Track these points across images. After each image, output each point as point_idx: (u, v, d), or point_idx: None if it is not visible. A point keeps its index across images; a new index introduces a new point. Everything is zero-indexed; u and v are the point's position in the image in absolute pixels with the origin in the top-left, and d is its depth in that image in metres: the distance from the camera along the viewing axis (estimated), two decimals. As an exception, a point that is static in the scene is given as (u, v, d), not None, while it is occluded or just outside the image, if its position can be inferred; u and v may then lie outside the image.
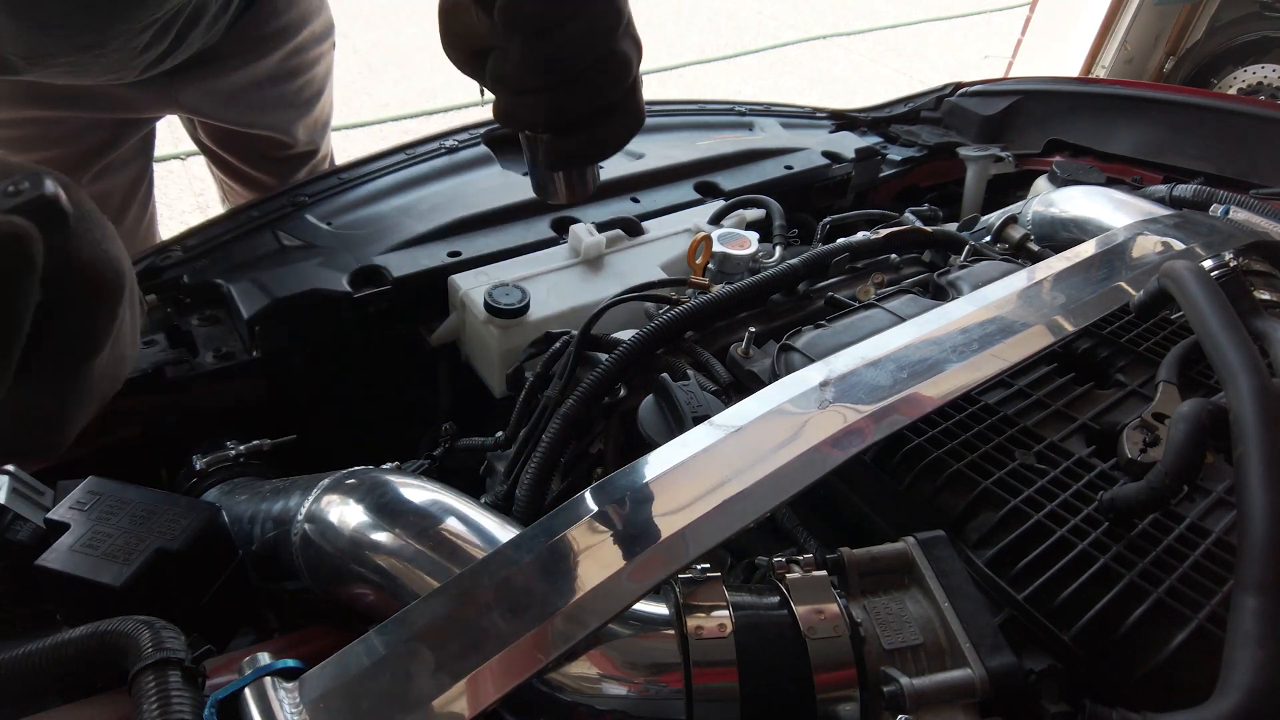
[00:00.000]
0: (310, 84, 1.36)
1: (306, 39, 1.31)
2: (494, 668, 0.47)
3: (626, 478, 0.58)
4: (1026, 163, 1.50)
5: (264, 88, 1.28)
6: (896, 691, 0.46)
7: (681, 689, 0.48)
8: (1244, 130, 1.37)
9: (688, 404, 0.73)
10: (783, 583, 0.53)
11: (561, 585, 0.50)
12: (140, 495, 0.68)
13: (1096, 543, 0.58)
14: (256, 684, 0.47)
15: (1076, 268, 0.87)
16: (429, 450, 0.91)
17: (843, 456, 0.60)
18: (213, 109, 1.26)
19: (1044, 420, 0.71)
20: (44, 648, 0.48)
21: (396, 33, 4.96)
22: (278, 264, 1.02)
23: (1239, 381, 0.56)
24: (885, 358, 0.70)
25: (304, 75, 1.33)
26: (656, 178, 1.28)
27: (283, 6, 1.24)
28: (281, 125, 1.35)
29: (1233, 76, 3.44)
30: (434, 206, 1.14)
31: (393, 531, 0.60)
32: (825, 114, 1.60)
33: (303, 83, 1.34)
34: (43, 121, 1.15)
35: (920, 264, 1.10)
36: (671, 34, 5.56)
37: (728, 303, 0.91)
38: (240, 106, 1.27)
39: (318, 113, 1.41)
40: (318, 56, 1.36)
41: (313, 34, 1.32)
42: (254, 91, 1.27)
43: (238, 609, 0.72)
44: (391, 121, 4.04)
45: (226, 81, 1.23)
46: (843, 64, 5.54)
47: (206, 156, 1.46)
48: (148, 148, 1.35)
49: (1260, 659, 0.45)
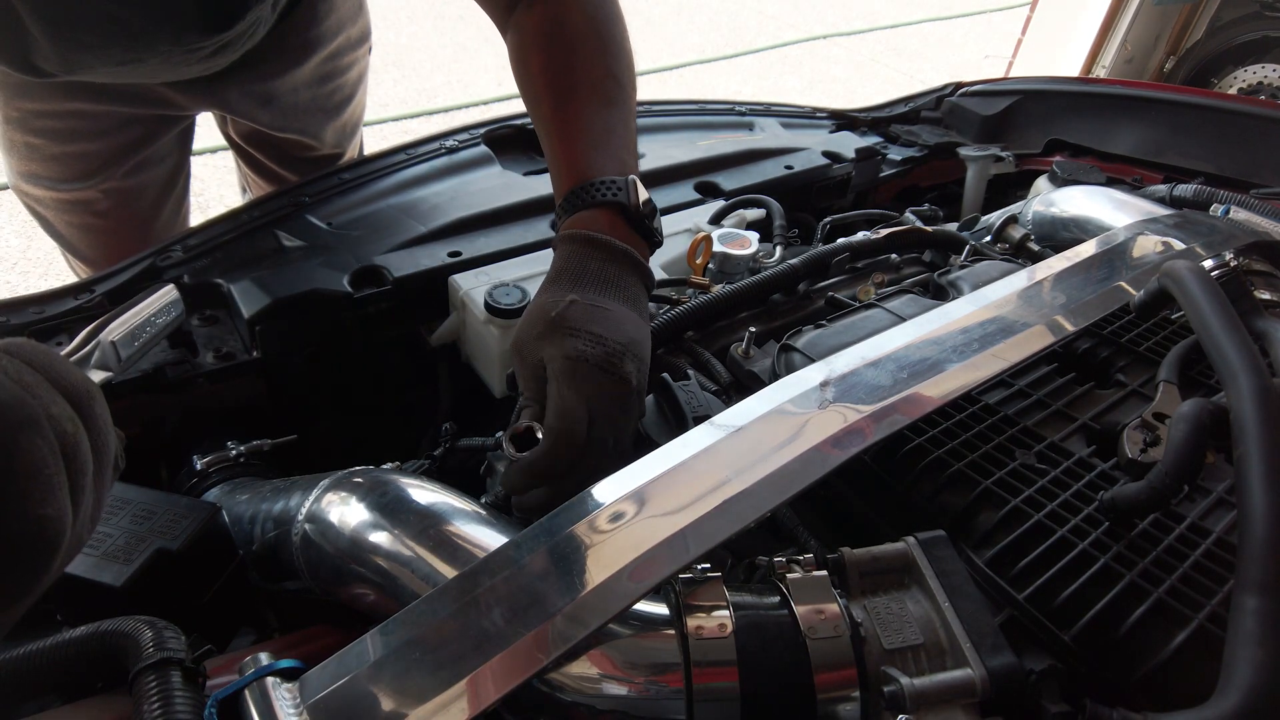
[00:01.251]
0: (342, 89, 1.37)
1: (342, 44, 1.32)
2: (494, 668, 0.47)
3: (626, 477, 0.58)
4: (1026, 163, 1.50)
5: (299, 92, 1.29)
6: (897, 691, 0.46)
7: (682, 689, 0.48)
8: (1244, 130, 1.37)
9: (688, 404, 0.73)
10: (783, 583, 0.53)
11: (561, 585, 0.50)
12: (140, 495, 0.68)
13: (1097, 543, 0.58)
14: (257, 684, 0.47)
15: (1077, 268, 0.87)
16: (429, 450, 0.91)
17: (843, 456, 0.60)
18: (248, 110, 1.27)
19: (1044, 420, 0.71)
20: (44, 648, 0.48)
21: (396, 33, 4.96)
22: (278, 264, 1.02)
23: (1239, 381, 0.56)
24: (885, 358, 0.70)
25: (336, 80, 1.34)
26: (656, 178, 1.28)
27: (322, 13, 1.25)
28: (311, 129, 1.36)
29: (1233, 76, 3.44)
30: (434, 206, 1.14)
31: (393, 532, 0.60)
32: (825, 114, 1.60)
33: (334, 87, 1.35)
34: (82, 114, 1.16)
35: (920, 264, 1.10)
36: (671, 34, 5.56)
37: (728, 303, 0.91)
38: (275, 109, 1.28)
39: (347, 116, 1.42)
40: (352, 62, 1.36)
41: (348, 40, 1.33)
42: (289, 95, 1.28)
43: (238, 609, 0.72)
44: (391, 121, 4.04)
45: (264, 86, 1.25)
46: (843, 64, 5.54)
47: (234, 151, 1.47)
48: (186, 142, 1.36)
49: (1260, 659, 0.45)
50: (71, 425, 0.42)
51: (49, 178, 1.22)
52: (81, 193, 1.24)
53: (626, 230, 0.75)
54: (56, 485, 0.40)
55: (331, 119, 1.38)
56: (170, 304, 0.82)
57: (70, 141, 1.18)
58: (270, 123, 1.30)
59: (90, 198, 1.25)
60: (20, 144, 1.19)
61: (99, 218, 1.27)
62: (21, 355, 0.42)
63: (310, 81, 1.30)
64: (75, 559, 0.58)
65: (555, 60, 0.83)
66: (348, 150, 1.47)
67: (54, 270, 2.84)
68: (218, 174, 3.30)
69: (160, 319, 0.80)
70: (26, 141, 1.18)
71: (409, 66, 4.62)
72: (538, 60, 0.84)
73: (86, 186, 1.23)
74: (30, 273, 2.86)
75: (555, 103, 0.82)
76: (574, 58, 0.83)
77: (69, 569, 0.58)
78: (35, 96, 1.14)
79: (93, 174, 1.22)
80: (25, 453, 0.39)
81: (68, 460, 0.41)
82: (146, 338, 0.78)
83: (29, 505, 0.39)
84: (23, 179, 1.24)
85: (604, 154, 0.78)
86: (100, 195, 1.25)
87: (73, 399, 0.43)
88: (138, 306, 0.78)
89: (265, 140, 1.37)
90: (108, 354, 0.73)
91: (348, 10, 1.30)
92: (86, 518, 0.43)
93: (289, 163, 1.41)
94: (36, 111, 1.15)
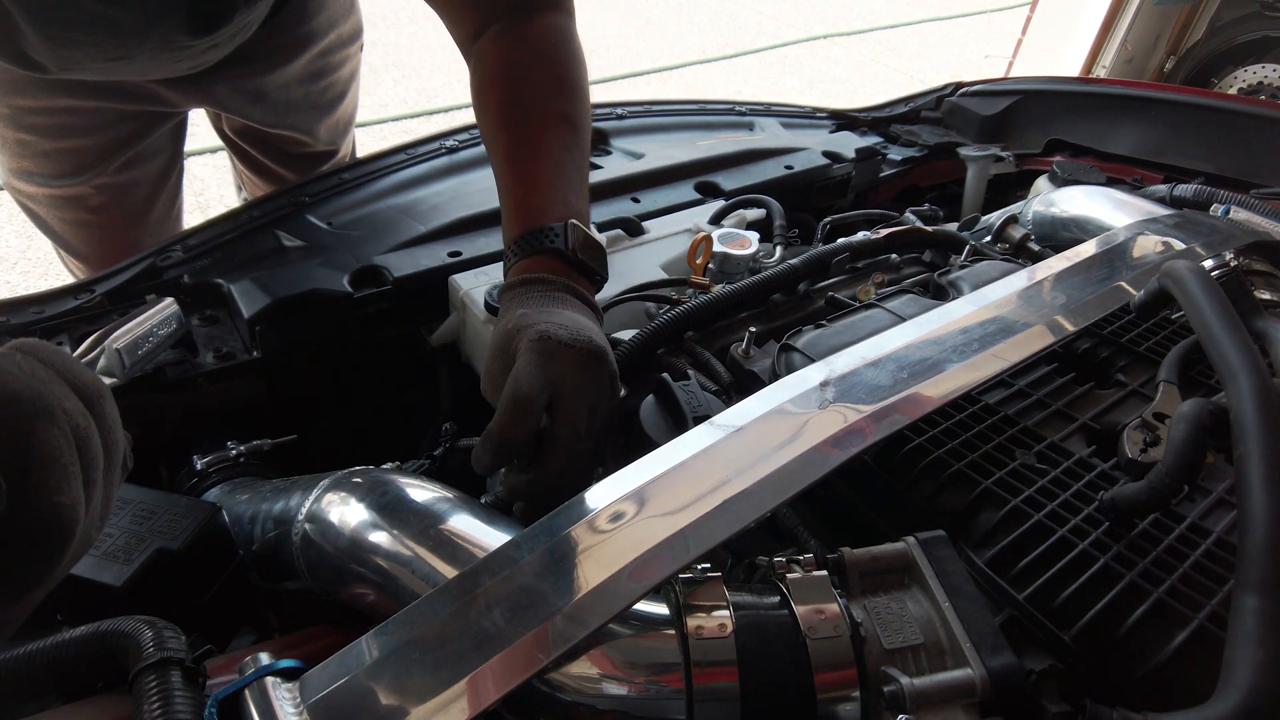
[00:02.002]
0: (334, 86, 1.37)
1: (334, 41, 1.32)
2: (494, 668, 0.47)
3: (626, 477, 0.58)
4: (1026, 163, 1.50)
5: (290, 89, 1.29)
6: (897, 691, 0.46)
7: (682, 689, 0.48)
8: (1244, 130, 1.37)
9: (688, 404, 0.73)
10: (783, 583, 0.53)
11: (561, 585, 0.50)
12: (140, 495, 0.68)
13: (1097, 543, 0.58)
14: (257, 684, 0.47)
15: (1077, 268, 0.87)
16: (429, 450, 0.91)
17: (843, 456, 0.60)
18: (240, 106, 1.27)
19: (1044, 420, 0.71)
20: (44, 648, 0.48)
21: (396, 33, 4.96)
22: (278, 264, 1.02)
23: (1239, 381, 0.56)
24: (885, 358, 0.70)
25: (328, 77, 1.35)
26: (657, 178, 1.28)
27: (313, 10, 1.25)
28: (304, 125, 1.36)
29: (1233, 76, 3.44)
30: (434, 206, 1.14)
31: (393, 532, 0.60)
32: (825, 114, 1.60)
33: (326, 84, 1.35)
34: (73, 111, 1.16)
35: (920, 264, 1.10)
36: (671, 34, 5.56)
37: (728, 303, 0.91)
38: (266, 106, 1.29)
39: (340, 113, 1.42)
40: (344, 59, 1.37)
41: (340, 37, 1.33)
42: (280, 92, 1.29)
43: (238, 609, 0.72)
44: (391, 121, 4.04)
45: (255, 82, 1.25)
46: (843, 64, 5.54)
47: (228, 148, 1.47)
48: (179, 138, 1.36)
49: (1260, 659, 0.45)
50: (84, 420, 0.43)
51: (41, 174, 1.22)
52: (73, 188, 1.24)
53: (567, 270, 0.79)
54: (72, 475, 0.41)
55: (324, 116, 1.38)
56: (171, 316, 0.84)
57: (61, 138, 1.18)
58: (262, 119, 1.30)
59: (82, 193, 1.25)
60: (12, 140, 1.20)
61: (91, 213, 1.28)
62: (35, 353, 0.43)
63: (302, 78, 1.30)
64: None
65: (511, 102, 0.87)
66: (341, 147, 1.48)
67: (54, 270, 2.84)
68: (218, 174, 3.30)
69: (162, 330, 0.82)
70: (18, 138, 1.19)
71: (409, 66, 4.62)
72: (495, 97, 0.88)
73: (78, 182, 1.23)
74: (30, 273, 2.86)
75: (509, 143, 0.86)
76: (530, 101, 0.87)
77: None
78: (26, 93, 1.14)
79: (84, 170, 1.22)
80: (42, 441, 0.39)
81: (81, 453, 0.42)
82: (149, 348, 0.80)
83: (45, 493, 0.39)
84: (14, 176, 1.25)
85: (550, 197, 0.82)
86: (92, 191, 1.25)
87: (84, 397, 0.44)
88: (140, 317, 0.80)
89: (259, 136, 1.37)
90: (113, 360, 0.74)
91: (339, 7, 1.30)
92: (96, 514, 0.44)
93: (283, 159, 1.41)
94: (28, 108, 1.15)
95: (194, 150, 1.42)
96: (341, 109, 1.42)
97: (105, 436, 0.44)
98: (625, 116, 1.44)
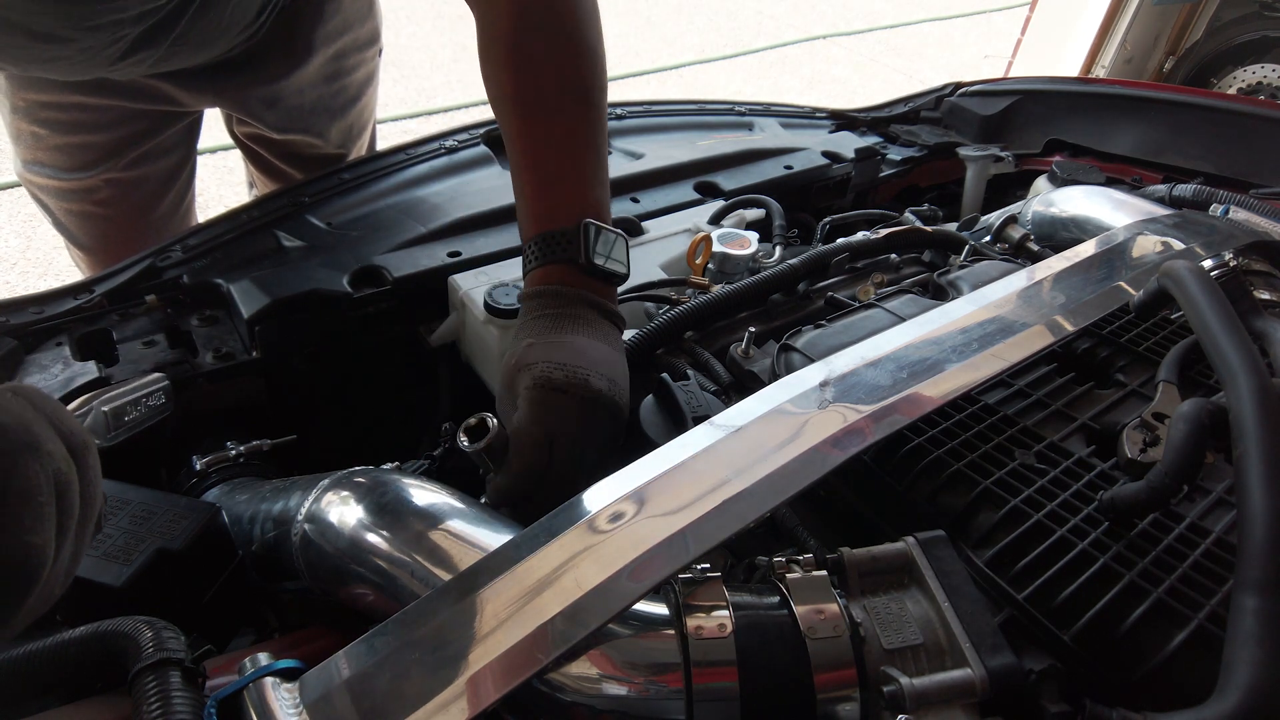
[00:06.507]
0: (347, 89, 1.37)
1: (349, 45, 1.32)
2: (494, 668, 0.47)
3: (626, 477, 0.58)
4: (1026, 163, 1.50)
5: (304, 92, 1.30)
6: (896, 691, 0.46)
7: (681, 689, 0.48)
8: (1244, 130, 1.37)
9: (688, 404, 0.73)
10: (783, 583, 0.53)
11: (561, 585, 0.50)
12: (140, 495, 0.68)
13: (1096, 543, 0.58)
14: (256, 684, 0.47)
15: (1076, 268, 0.87)
16: (429, 450, 0.91)
17: (843, 456, 0.60)
18: (254, 110, 1.28)
19: (1044, 420, 0.71)
20: (44, 648, 0.48)
21: (396, 33, 4.96)
22: (278, 264, 1.02)
23: (1239, 381, 0.56)
24: (885, 358, 0.70)
25: (342, 80, 1.34)
26: (656, 178, 1.28)
27: (328, 13, 1.24)
28: (316, 128, 1.36)
29: (1233, 76, 3.44)
30: (434, 206, 1.14)
31: (393, 532, 0.60)
32: (825, 114, 1.60)
33: (340, 87, 1.35)
34: (84, 107, 1.17)
35: (920, 264, 1.10)
36: (671, 34, 5.56)
37: (728, 303, 0.91)
38: (280, 111, 1.29)
39: (353, 117, 1.42)
40: (359, 63, 1.36)
41: (355, 41, 1.33)
42: (295, 97, 1.29)
43: (238, 609, 0.72)
44: (391, 121, 4.04)
45: (269, 89, 1.25)
46: (843, 64, 5.54)
47: (240, 147, 1.47)
48: (191, 137, 1.37)
49: (1260, 658, 0.45)
50: (67, 467, 0.42)
51: (52, 166, 1.24)
52: (82, 182, 1.25)
53: (583, 280, 0.78)
54: (47, 516, 0.40)
55: (336, 119, 1.38)
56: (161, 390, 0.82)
57: (72, 132, 1.20)
58: (275, 124, 1.31)
59: (91, 186, 1.26)
60: (26, 133, 1.21)
61: (99, 207, 1.29)
62: (28, 397, 0.42)
63: (316, 81, 1.30)
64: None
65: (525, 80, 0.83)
66: (352, 151, 1.47)
67: (54, 270, 2.84)
68: (218, 174, 3.30)
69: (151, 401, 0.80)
70: (32, 130, 1.20)
71: (409, 66, 4.62)
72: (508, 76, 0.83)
73: (88, 176, 1.24)
74: (30, 273, 2.86)
75: (521, 133, 0.83)
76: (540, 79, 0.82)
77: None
78: (39, 88, 1.15)
79: (94, 164, 1.23)
80: (24, 476, 0.39)
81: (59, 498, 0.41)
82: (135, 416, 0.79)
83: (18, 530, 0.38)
84: (27, 167, 1.26)
85: (566, 193, 0.81)
86: (101, 184, 1.26)
87: (71, 445, 0.43)
88: (131, 384, 0.79)
89: (269, 138, 1.37)
90: (98, 422, 0.74)
91: (355, 11, 1.30)
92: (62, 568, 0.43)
93: (293, 160, 1.42)
94: (41, 103, 1.17)
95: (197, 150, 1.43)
96: (354, 113, 1.42)
97: (85, 490, 0.44)
98: (625, 116, 1.44)
